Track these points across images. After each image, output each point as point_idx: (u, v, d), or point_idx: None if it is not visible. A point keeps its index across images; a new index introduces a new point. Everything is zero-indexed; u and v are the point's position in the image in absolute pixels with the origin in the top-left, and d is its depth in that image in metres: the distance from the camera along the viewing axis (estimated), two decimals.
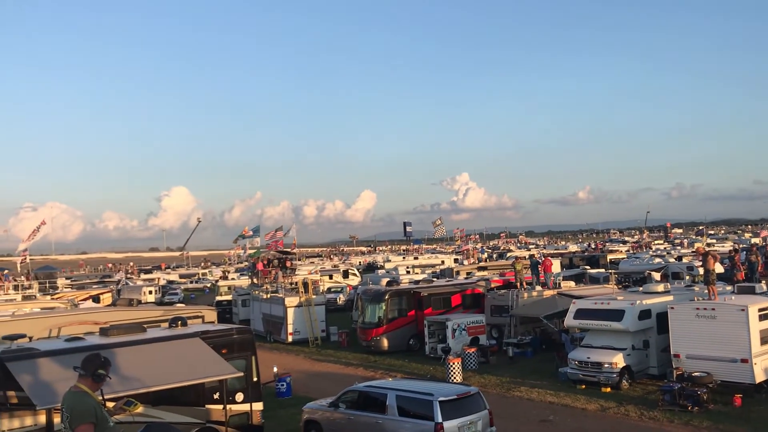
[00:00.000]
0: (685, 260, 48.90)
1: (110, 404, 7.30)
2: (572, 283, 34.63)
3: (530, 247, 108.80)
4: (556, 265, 43.07)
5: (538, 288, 31.07)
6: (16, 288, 47.97)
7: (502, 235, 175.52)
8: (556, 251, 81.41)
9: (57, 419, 12.43)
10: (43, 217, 62.45)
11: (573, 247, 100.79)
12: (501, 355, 27.33)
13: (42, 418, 12.70)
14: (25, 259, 59.95)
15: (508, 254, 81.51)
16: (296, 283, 39.14)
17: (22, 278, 53.76)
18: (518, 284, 31.80)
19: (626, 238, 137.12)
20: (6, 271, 56.01)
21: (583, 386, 21.46)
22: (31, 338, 15.48)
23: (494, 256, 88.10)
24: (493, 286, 34.41)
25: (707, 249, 31.90)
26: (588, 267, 51.33)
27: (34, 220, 60.51)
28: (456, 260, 75.92)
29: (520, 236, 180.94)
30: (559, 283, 32.95)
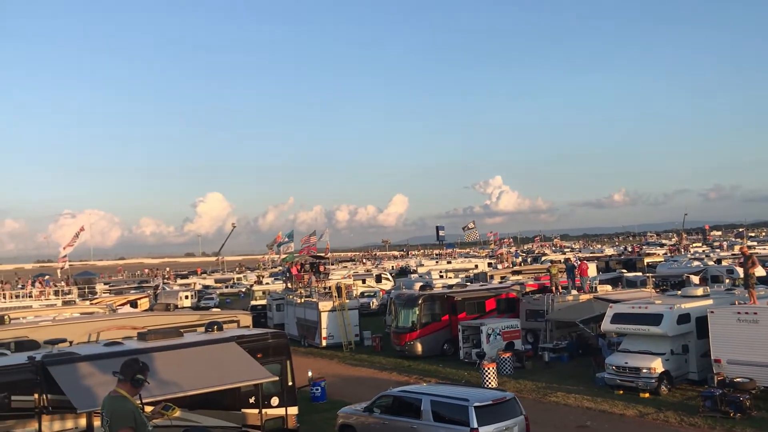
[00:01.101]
0: (724, 263, 47.88)
1: (148, 408, 7.38)
2: (609, 287, 34.13)
3: (565, 250, 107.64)
4: (591, 269, 42.51)
5: (574, 292, 30.71)
6: (56, 293, 48.89)
7: (536, 238, 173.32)
8: (591, 254, 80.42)
9: (97, 423, 12.64)
10: (82, 224, 63.62)
11: (609, 251, 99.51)
12: (536, 360, 27.05)
13: (82, 422, 12.92)
14: (65, 264, 61.09)
15: (543, 258, 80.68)
16: (330, 287, 39.26)
17: (63, 284, 54.73)
18: (553, 288, 31.46)
19: (663, 241, 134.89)
20: (47, 277, 57.14)
21: (621, 392, 21.13)
22: (71, 342, 15.82)
23: (529, 259, 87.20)
24: (528, 290, 34.08)
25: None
26: (625, 270, 50.53)
27: (74, 226, 61.66)
28: (490, 264, 75.42)
29: (555, 240, 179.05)
30: (596, 287, 32.52)
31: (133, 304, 44.77)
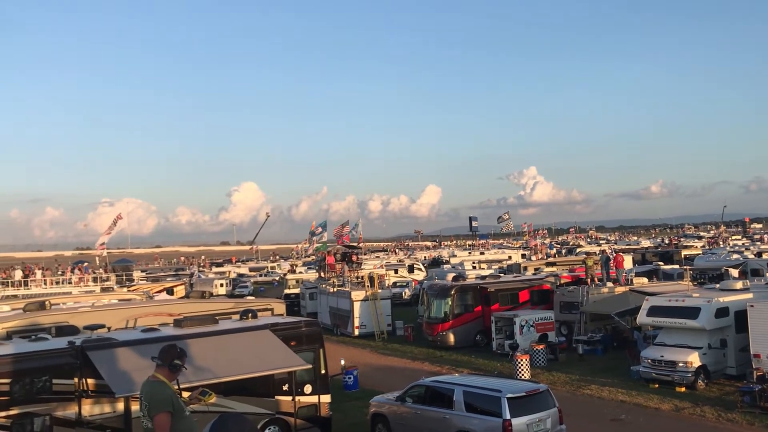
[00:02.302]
0: (765, 256, 46.83)
1: (186, 394, 7.49)
2: (645, 280, 33.68)
3: (601, 242, 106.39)
4: (627, 261, 41.96)
5: (609, 284, 30.37)
6: (95, 280, 49.87)
7: (571, 230, 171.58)
8: (627, 246, 79.34)
9: (135, 407, 12.89)
10: (119, 212, 64.63)
11: (645, 243, 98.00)
12: (570, 353, 26.84)
13: (120, 406, 13.18)
14: (104, 252, 62.20)
15: (578, 250, 79.85)
16: (362, 277, 39.39)
17: (101, 271, 55.79)
18: (589, 280, 31.14)
19: (702, 234, 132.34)
20: (86, 264, 58.31)
21: (656, 385, 20.87)
22: (109, 328, 16.11)
23: (563, 251, 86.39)
24: (562, 282, 33.80)
25: None
26: (661, 263, 49.78)
27: (112, 215, 62.70)
28: (523, 256, 74.90)
29: (590, 231, 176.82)
30: (631, 280, 32.11)
31: (170, 291, 45.40)
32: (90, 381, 12.81)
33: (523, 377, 21.96)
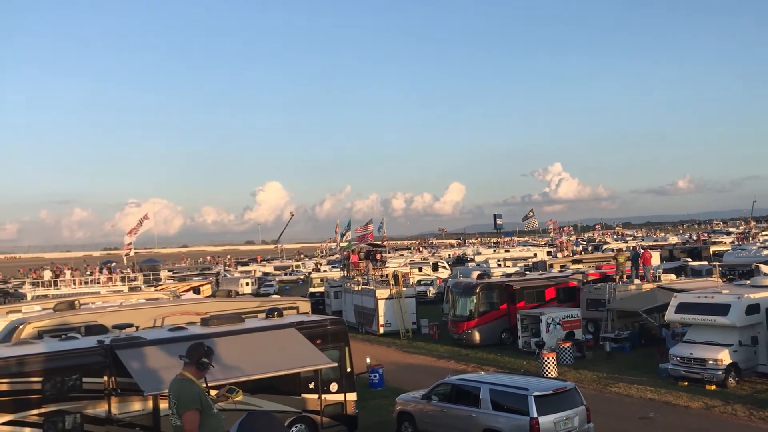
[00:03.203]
0: None
1: (213, 392, 7.55)
2: (673, 276, 33.23)
3: (627, 239, 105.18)
4: (655, 258, 41.44)
5: (637, 281, 30.03)
6: (123, 280, 50.46)
7: (597, 226, 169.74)
8: (654, 243, 78.36)
9: (163, 405, 13.02)
10: (145, 212, 65.31)
11: (673, 239, 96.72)
12: (597, 350, 26.60)
13: (149, 404, 13.31)
14: (131, 252, 62.91)
15: (604, 247, 79.05)
16: (386, 275, 39.40)
17: (128, 270, 56.44)
18: (617, 277, 30.82)
19: (731, 229, 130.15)
20: (114, 264, 59.04)
21: (686, 383, 20.61)
22: (137, 327, 16.26)
23: (589, 248, 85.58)
24: (589, 279, 33.50)
25: None
26: (689, 259, 49.09)
27: (139, 215, 63.27)
28: (549, 253, 74.31)
29: (617, 228, 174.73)
30: (659, 276, 31.72)
31: (196, 290, 45.74)
32: (119, 379, 12.96)
33: (549, 375, 21.80)
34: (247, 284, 61.85)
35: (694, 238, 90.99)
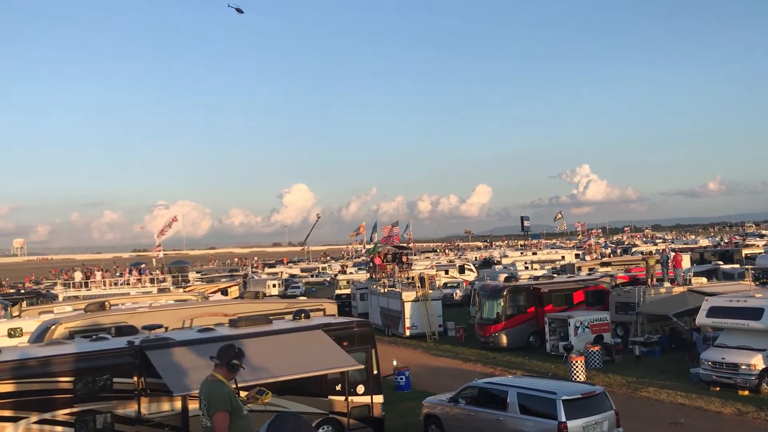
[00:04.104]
0: None
1: (243, 393, 7.59)
2: (704, 280, 32.76)
3: (657, 241, 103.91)
4: (685, 261, 40.87)
5: (667, 284, 29.63)
6: (152, 281, 51.07)
7: (626, 229, 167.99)
8: (685, 246, 77.30)
9: (192, 406, 13.13)
10: (174, 214, 66.12)
11: (704, 242, 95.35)
12: (626, 354, 26.28)
13: (178, 405, 13.42)
14: (160, 253, 63.70)
15: (633, 249, 78.13)
16: (413, 277, 39.34)
17: (158, 272, 57.10)
18: (649, 280, 30.44)
19: (763, 232, 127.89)
20: (143, 266, 59.80)
21: (718, 388, 20.25)
22: (166, 328, 16.43)
23: (618, 251, 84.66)
24: (618, 282, 33.13)
25: None
26: (721, 262, 48.33)
27: (167, 217, 64.16)
28: (577, 255, 73.64)
29: (646, 230, 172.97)
30: (690, 280, 31.27)
31: (224, 291, 46.13)
32: (148, 380, 13.10)
33: (578, 379, 21.59)
34: (274, 286, 62.12)
35: (726, 240, 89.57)
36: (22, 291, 58.38)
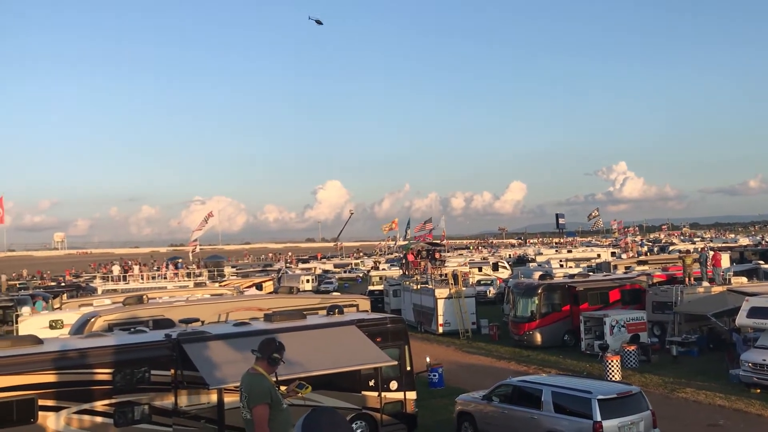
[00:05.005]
0: None
1: (283, 387, 7.65)
2: (744, 279, 32.06)
3: (695, 240, 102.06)
4: (724, 260, 40.07)
5: (705, 284, 29.09)
6: (188, 275, 51.71)
7: (663, 227, 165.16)
8: (724, 244, 75.80)
9: (228, 399, 13.30)
10: (210, 210, 66.87)
11: (744, 240, 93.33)
12: (663, 354, 25.87)
13: (213, 397, 13.61)
14: (196, 248, 64.48)
15: (671, 248, 76.86)
16: (446, 274, 39.24)
17: (194, 266, 57.78)
18: (686, 279, 29.94)
19: None
20: (180, 260, 60.61)
21: (758, 390, 19.82)
22: (203, 322, 16.68)
23: (655, 249, 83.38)
24: (655, 281, 32.64)
25: None
26: (762, 262, 47.25)
27: (204, 212, 64.95)
28: (613, 254, 72.72)
29: (684, 228, 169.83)
30: (729, 279, 30.65)
31: (258, 286, 46.60)
32: (185, 373, 13.29)
33: (613, 379, 21.33)
34: (307, 281, 62.51)
35: (767, 239, 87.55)
36: (63, 284, 59.75)
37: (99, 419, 12.70)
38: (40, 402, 12.25)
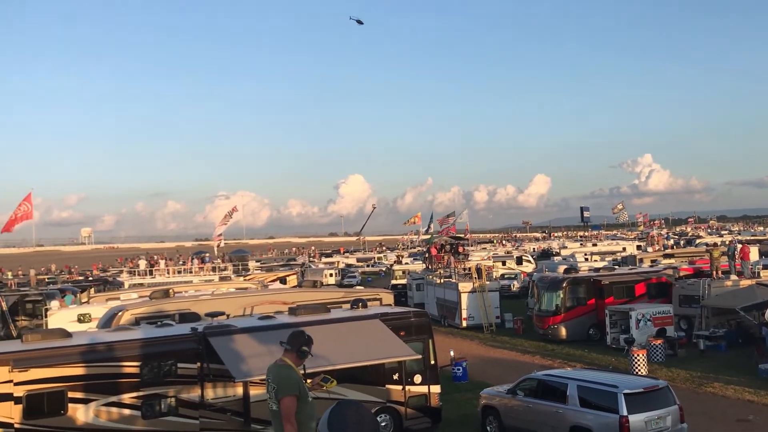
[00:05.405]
0: None
1: (308, 381, 7.68)
2: None
3: (723, 233, 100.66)
4: (753, 253, 39.46)
5: (734, 277, 28.70)
6: (214, 269, 52.12)
7: (690, 220, 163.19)
8: (753, 237, 74.69)
9: (254, 391, 13.40)
10: (234, 205, 67.34)
11: None
12: (690, 348, 25.59)
13: (239, 390, 13.73)
14: (221, 243, 64.97)
15: (698, 241, 75.91)
16: (469, 268, 39.12)
17: (219, 261, 58.21)
18: (714, 273, 29.56)
19: None
20: (206, 254, 61.12)
21: None
22: (228, 315, 16.80)
23: (681, 242, 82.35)
24: (681, 274, 32.28)
25: None
26: None
27: (228, 207, 65.38)
28: (639, 247, 71.98)
29: (711, 221, 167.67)
30: (758, 272, 30.20)
31: (282, 280, 46.77)
32: (211, 365, 13.42)
33: (639, 373, 21.13)
34: (330, 275, 62.71)
35: None
36: (90, 278, 60.51)
37: (127, 411, 12.89)
38: (70, 394, 12.46)
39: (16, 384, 12.06)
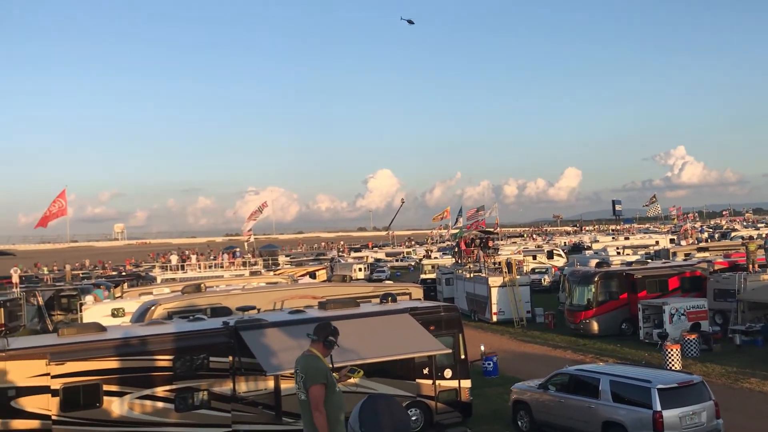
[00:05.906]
0: None
1: (335, 374, 7.73)
2: None
3: (759, 225, 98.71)
4: None
5: None
6: (244, 264, 52.62)
7: (724, 213, 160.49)
8: None
9: (285, 385, 13.48)
10: (264, 200, 67.83)
11: None
12: (726, 343, 25.15)
13: (270, 384, 13.83)
14: (251, 238, 65.52)
15: (733, 234, 74.54)
16: (499, 263, 38.93)
17: (249, 255, 58.71)
18: (750, 266, 29.02)
19: None
20: (237, 250, 61.75)
21: None
22: (259, 310, 16.93)
23: (716, 235, 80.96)
24: (716, 268, 31.74)
25: None
26: None
27: (258, 202, 65.90)
28: (672, 241, 70.95)
29: (747, 214, 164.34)
30: None
31: (312, 275, 47.10)
32: (243, 359, 13.54)
33: (673, 368, 20.83)
34: (359, 270, 62.87)
35: None
36: (123, 273, 61.52)
37: (160, 404, 13.06)
38: (105, 387, 12.68)
39: (53, 377, 12.31)
